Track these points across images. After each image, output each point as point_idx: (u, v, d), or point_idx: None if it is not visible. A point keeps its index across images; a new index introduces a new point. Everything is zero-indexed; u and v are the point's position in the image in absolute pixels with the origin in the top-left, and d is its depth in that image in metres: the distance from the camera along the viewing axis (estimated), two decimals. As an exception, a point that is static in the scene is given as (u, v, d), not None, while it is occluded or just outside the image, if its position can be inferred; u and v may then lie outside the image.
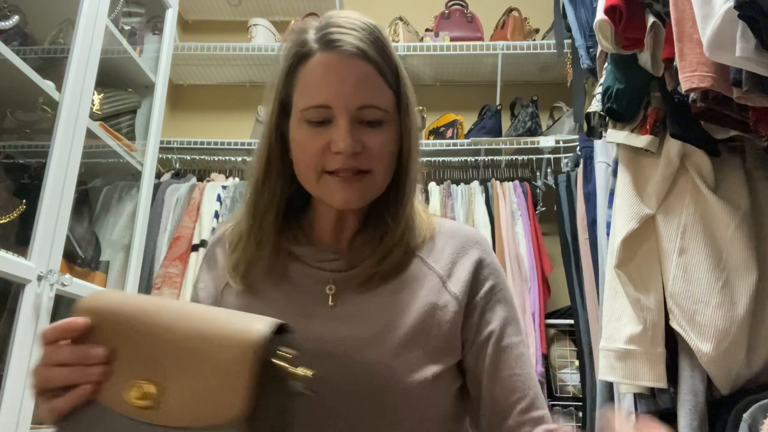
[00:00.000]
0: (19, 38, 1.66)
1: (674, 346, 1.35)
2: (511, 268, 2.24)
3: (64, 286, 1.51)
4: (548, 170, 2.57)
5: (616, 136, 1.49)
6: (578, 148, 2.21)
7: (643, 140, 1.42)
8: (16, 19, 1.66)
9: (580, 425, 2.13)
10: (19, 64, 1.47)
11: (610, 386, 1.75)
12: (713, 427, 1.26)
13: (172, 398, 0.53)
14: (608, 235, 1.58)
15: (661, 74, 1.36)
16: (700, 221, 1.33)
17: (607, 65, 1.50)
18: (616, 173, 1.56)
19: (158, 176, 2.45)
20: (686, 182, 1.37)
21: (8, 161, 1.74)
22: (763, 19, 0.91)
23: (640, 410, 1.45)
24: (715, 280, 1.28)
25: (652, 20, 1.30)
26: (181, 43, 2.70)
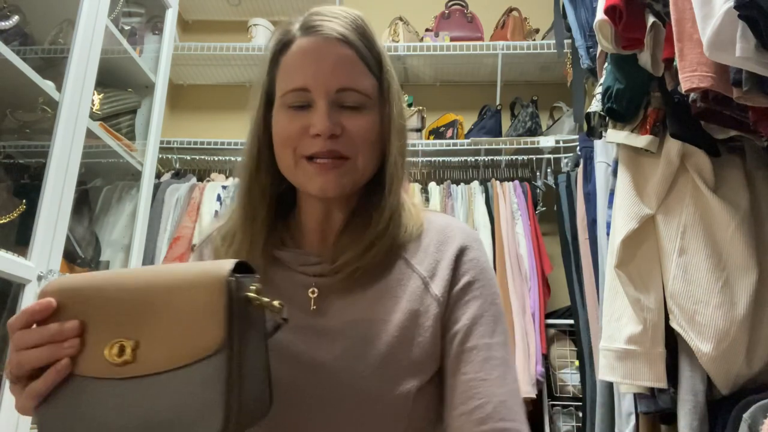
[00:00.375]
0: (19, 38, 1.66)
1: (674, 346, 1.35)
2: (511, 268, 2.24)
3: (64, 286, 1.51)
4: (548, 170, 2.57)
5: (616, 136, 1.49)
6: (578, 148, 2.21)
7: (643, 140, 1.42)
8: (16, 19, 1.66)
9: (580, 425, 2.13)
10: (19, 64, 1.47)
11: (610, 386, 1.75)
12: (713, 427, 1.26)
13: (148, 348, 0.55)
14: (608, 235, 1.58)
15: (661, 74, 1.36)
16: (700, 221, 1.33)
17: (607, 65, 1.50)
18: (616, 173, 1.56)
19: (158, 176, 2.45)
20: (686, 182, 1.37)
21: (8, 161, 1.74)
22: (763, 19, 0.91)
23: (640, 410, 1.45)
24: (715, 280, 1.28)
25: (652, 20, 1.30)
26: (181, 43, 2.70)
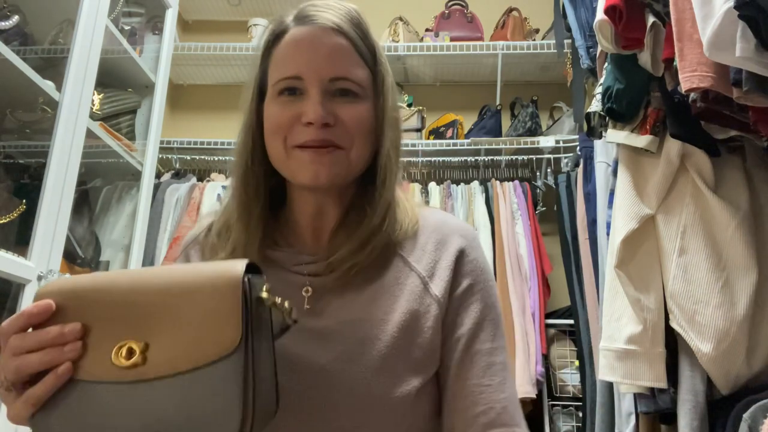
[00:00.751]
0: (19, 38, 1.66)
1: (674, 346, 1.35)
2: (511, 268, 2.24)
3: (64, 286, 1.51)
4: (548, 170, 2.57)
5: (616, 136, 1.49)
6: (578, 148, 2.21)
7: (643, 140, 1.42)
8: (16, 19, 1.66)
9: (580, 425, 2.13)
10: (19, 64, 1.47)
11: (610, 386, 1.75)
12: (713, 427, 1.25)
13: (159, 350, 0.53)
14: (608, 235, 1.58)
15: (661, 74, 1.36)
16: (700, 221, 1.33)
17: (607, 65, 1.50)
18: (616, 173, 1.56)
19: (158, 176, 2.45)
20: (686, 182, 1.37)
21: (8, 161, 1.74)
22: (763, 19, 0.91)
23: (640, 410, 1.45)
24: (715, 280, 1.28)
25: (652, 20, 1.30)
26: (181, 43, 2.70)
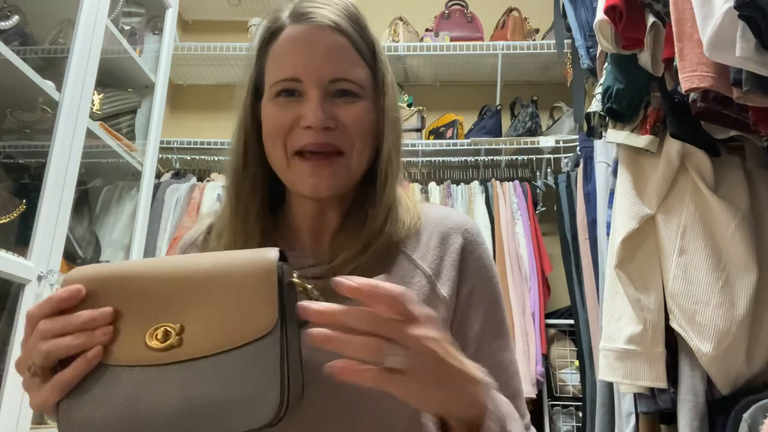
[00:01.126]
0: (19, 38, 1.66)
1: (674, 346, 1.35)
2: (511, 268, 2.24)
3: (64, 286, 1.51)
4: (548, 170, 2.57)
5: (616, 136, 1.49)
6: (578, 148, 2.21)
7: (643, 140, 1.42)
8: (16, 19, 1.66)
9: (580, 425, 2.13)
10: (19, 64, 1.47)
11: (610, 386, 1.75)
12: (713, 427, 1.26)
13: (195, 331, 0.53)
14: (608, 235, 1.58)
15: (661, 74, 1.36)
16: (700, 221, 1.33)
17: (607, 65, 1.50)
18: (616, 173, 1.56)
19: (158, 176, 2.45)
20: (686, 182, 1.37)
21: (8, 161, 1.74)
22: (763, 19, 0.91)
23: (640, 410, 1.45)
24: (715, 280, 1.28)
25: (652, 20, 1.30)
26: (181, 43, 2.70)
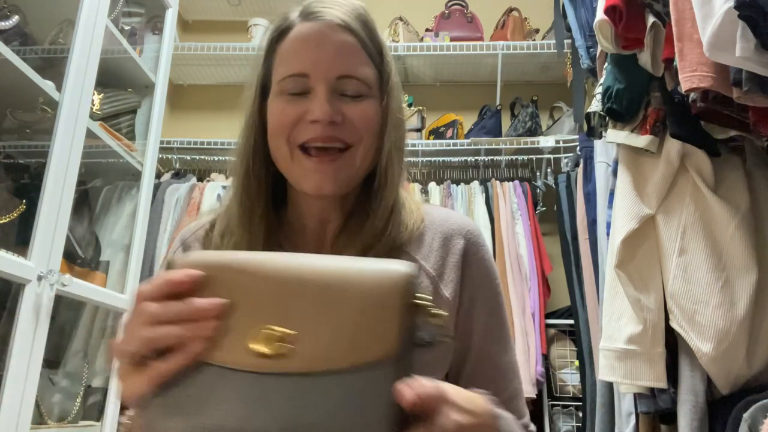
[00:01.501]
0: (19, 38, 1.66)
1: (674, 346, 1.35)
2: (511, 268, 2.24)
3: (64, 286, 1.51)
4: (548, 170, 2.57)
5: (616, 136, 1.50)
6: (578, 148, 2.21)
7: (643, 140, 1.42)
8: (16, 19, 1.66)
9: (580, 425, 2.13)
10: (19, 64, 1.47)
11: (610, 386, 1.75)
12: (713, 427, 1.26)
13: (307, 343, 0.47)
14: (608, 235, 1.58)
15: (661, 74, 1.36)
16: (700, 221, 1.33)
17: (607, 65, 1.50)
18: (616, 173, 1.56)
19: (158, 176, 2.45)
20: (686, 182, 1.37)
21: (8, 161, 1.74)
22: (763, 19, 0.91)
23: (640, 410, 1.45)
24: (715, 280, 1.28)
25: (652, 20, 1.30)
26: (181, 43, 2.70)
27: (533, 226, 2.37)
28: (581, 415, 2.08)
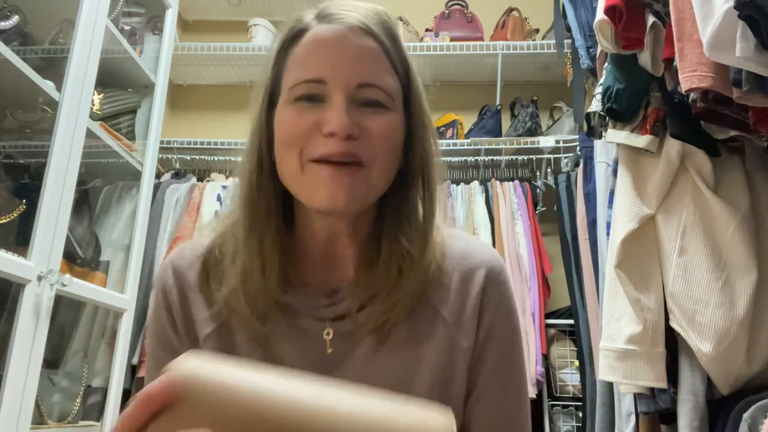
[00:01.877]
0: (19, 38, 1.66)
1: (674, 346, 1.35)
2: (511, 268, 2.24)
3: (64, 286, 1.51)
4: (548, 170, 2.57)
5: (616, 136, 1.49)
6: (578, 148, 2.21)
7: (643, 140, 1.42)
8: (16, 19, 1.66)
9: (580, 425, 2.13)
10: (19, 64, 1.47)
11: (610, 386, 1.75)
12: (713, 427, 1.25)
13: None
14: (608, 235, 1.58)
15: (661, 74, 1.36)
16: (700, 221, 1.33)
17: (607, 65, 1.50)
18: (616, 173, 1.56)
19: (158, 176, 2.45)
20: (686, 182, 1.37)
21: (8, 161, 1.74)
22: (763, 19, 0.91)
23: (640, 410, 1.45)
24: (715, 280, 1.28)
25: (652, 20, 1.30)
26: (181, 43, 2.70)
27: (533, 226, 2.37)
28: (581, 415, 2.08)
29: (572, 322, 2.17)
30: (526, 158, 2.61)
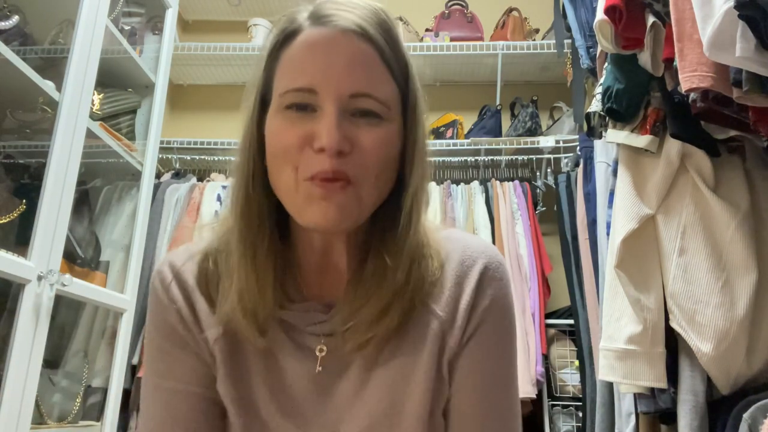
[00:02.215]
0: (19, 38, 1.66)
1: (674, 346, 1.35)
2: (511, 268, 2.24)
3: (64, 286, 1.51)
4: (548, 170, 2.57)
5: (616, 136, 1.49)
6: (578, 148, 2.21)
7: (643, 140, 1.42)
8: (16, 19, 1.66)
9: (580, 425, 2.13)
10: (19, 64, 1.47)
11: (610, 386, 1.75)
12: (713, 427, 1.25)
13: None
14: (608, 235, 1.58)
15: (661, 74, 1.36)
16: (700, 221, 1.33)
17: (607, 65, 1.50)
18: (616, 173, 1.56)
19: (158, 176, 2.45)
20: (686, 182, 1.37)
21: (8, 161, 1.74)
22: (763, 19, 0.91)
23: (640, 410, 1.45)
24: (715, 280, 1.28)
25: (652, 20, 1.30)
26: (181, 43, 2.70)
27: (533, 226, 2.37)
28: (581, 415, 2.08)
29: (572, 322, 2.17)
30: (526, 158, 2.61)
